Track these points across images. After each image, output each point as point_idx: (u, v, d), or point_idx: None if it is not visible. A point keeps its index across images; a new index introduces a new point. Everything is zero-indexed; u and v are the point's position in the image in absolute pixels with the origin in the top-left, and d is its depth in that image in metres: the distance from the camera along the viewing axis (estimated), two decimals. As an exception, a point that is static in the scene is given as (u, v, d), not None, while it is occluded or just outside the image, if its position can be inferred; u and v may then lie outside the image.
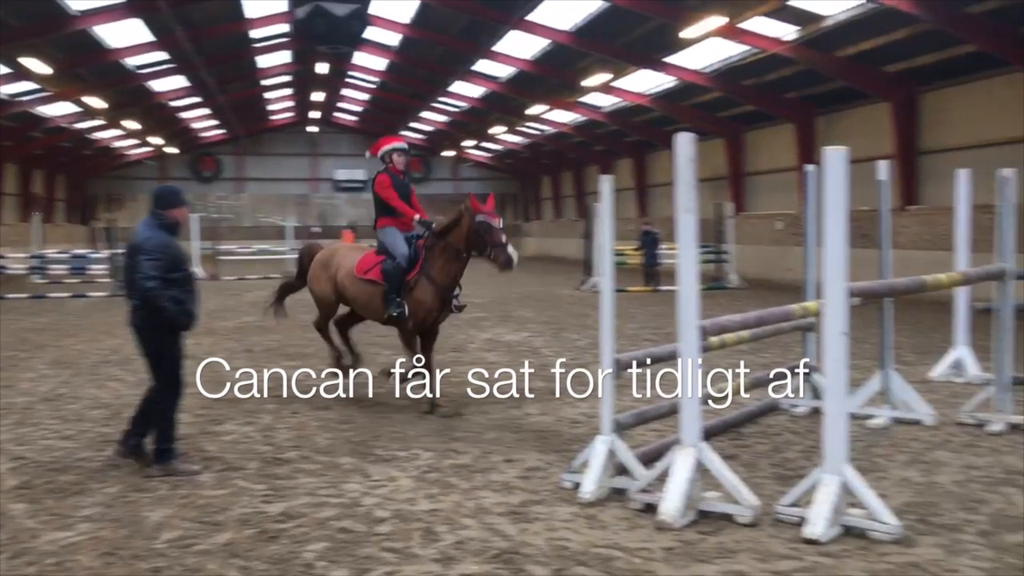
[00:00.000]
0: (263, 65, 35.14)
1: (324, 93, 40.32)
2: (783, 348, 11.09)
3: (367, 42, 30.69)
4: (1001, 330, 7.27)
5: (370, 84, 39.91)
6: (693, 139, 5.25)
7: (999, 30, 16.69)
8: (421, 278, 8.35)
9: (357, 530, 5.05)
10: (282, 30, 29.86)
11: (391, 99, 42.08)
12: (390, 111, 45.26)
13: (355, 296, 8.81)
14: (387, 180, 8.67)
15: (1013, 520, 5.07)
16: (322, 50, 28.46)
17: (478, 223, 8.17)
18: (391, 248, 8.54)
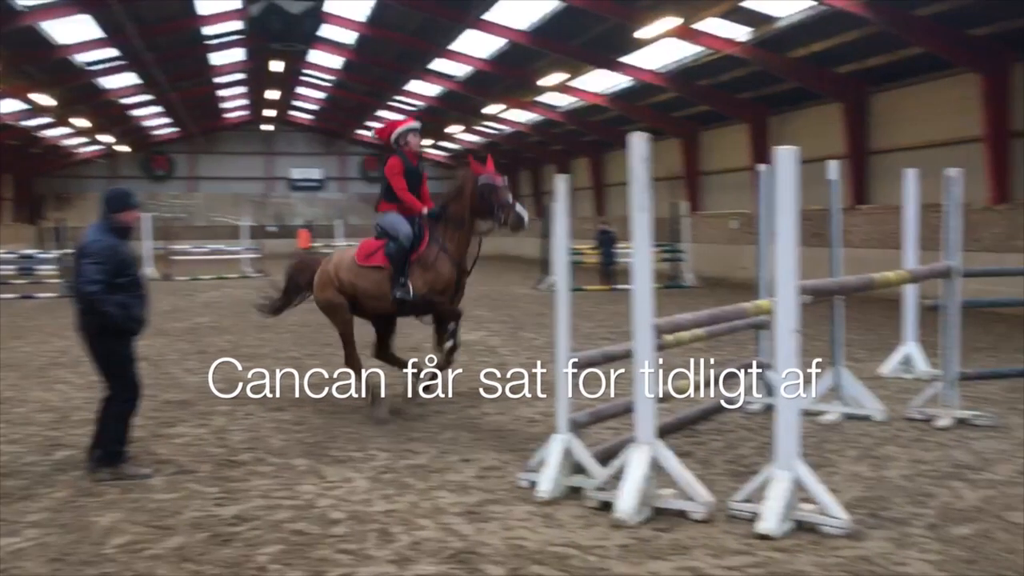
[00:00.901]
0: (216, 62, 34.66)
1: (279, 91, 39.91)
2: (738, 346, 11.21)
3: (322, 40, 30.44)
4: (947, 327, 7.42)
5: (326, 82, 39.58)
6: (647, 139, 5.28)
7: (945, 33, 17.03)
8: (432, 249, 7.90)
9: (312, 532, 5.01)
10: (235, 27, 29.49)
11: (347, 97, 41.78)
12: (346, 110, 44.94)
13: (363, 288, 8.19)
14: (399, 166, 8.18)
15: (960, 513, 5.17)
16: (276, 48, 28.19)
17: (481, 185, 7.77)
18: (392, 229, 8.07)
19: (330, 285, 8.46)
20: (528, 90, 30.19)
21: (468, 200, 7.84)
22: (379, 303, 8.24)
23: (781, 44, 20.34)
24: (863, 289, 6.77)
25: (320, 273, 8.66)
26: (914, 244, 9.48)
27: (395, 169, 8.15)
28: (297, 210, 51.47)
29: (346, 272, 8.32)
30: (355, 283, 8.25)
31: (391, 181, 8.14)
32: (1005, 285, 12.45)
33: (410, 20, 26.94)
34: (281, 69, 33.50)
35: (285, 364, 10.94)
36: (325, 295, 8.54)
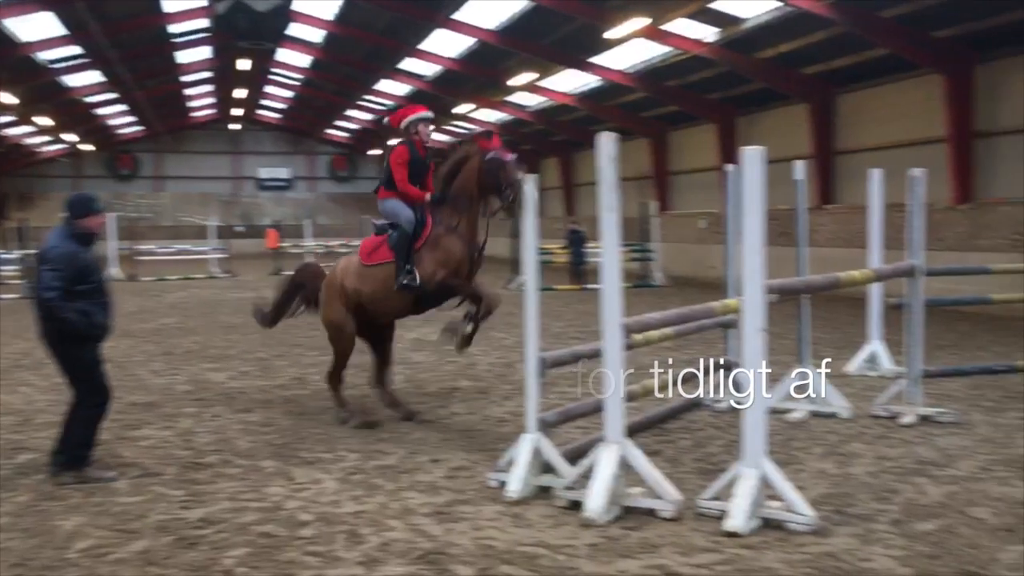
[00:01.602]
0: (182, 61, 34.32)
1: (246, 90, 39.54)
2: (707, 344, 11.27)
3: (290, 38, 30.24)
4: (911, 325, 7.51)
5: (294, 81, 39.32)
6: (616, 138, 5.29)
7: (909, 34, 17.25)
8: (438, 230, 7.45)
9: (279, 534, 4.97)
10: (202, 25, 29.22)
11: (316, 96, 41.54)
12: (315, 109, 44.69)
13: (371, 291, 7.67)
14: (404, 155, 7.75)
15: (923, 509, 5.24)
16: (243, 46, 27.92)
17: (489, 160, 7.29)
18: (393, 216, 7.69)
19: (337, 298, 7.91)
20: (497, 90, 30.19)
21: (475, 176, 7.37)
22: (391, 304, 7.73)
23: (748, 45, 20.49)
24: (829, 288, 6.83)
25: (327, 286, 8.12)
26: (879, 243, 9.59)
27: (400, 158, 7.75)
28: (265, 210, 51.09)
29: (353, 278, 7.83)
30: (361, 288, 7.75)
31: (393, 170, 7.75)
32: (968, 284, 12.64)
33: (379, 19, 26.83)
34: (248, 68, 33.20)
35: (253, 365, 10.88)
36: (331, 311, 7.97)
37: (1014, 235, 15.78)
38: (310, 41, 31.16)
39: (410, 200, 7.68)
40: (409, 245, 7.51)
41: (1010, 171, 16.89)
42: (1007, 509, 5.19)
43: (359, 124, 45.58)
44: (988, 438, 6.89)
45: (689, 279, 23.97)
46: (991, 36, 16.33)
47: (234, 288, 23.73)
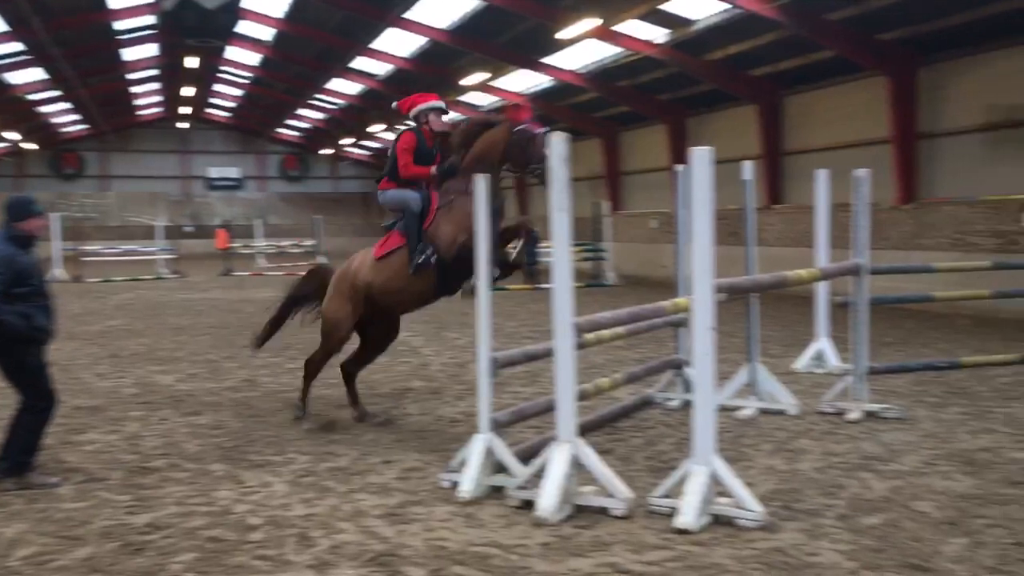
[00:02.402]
0: (128, 58, 33.71)
1: (195, 88, 38.96)
2: (658, 343, 11.36)
3: (239, 36, 29.85)
4: (857, 323, 7.64)
5: (244, 79, 38.85)
6: (567, 139, 5.31)
7: (855, 37, 17.56)
8: (447, 197, 7.08)
9: (228, 539, 4.90)
10: (148, 22, 28.72)
11: (266, 95, 41.08)
12: (265, 107, 44.19)
13: (387, 282, 7.28)
14: (411, 142, 7.44)
15: (869, 503, 5.33)
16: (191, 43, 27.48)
17: (519, 131, 6.92)
18: (400, 202, 7.33)
19: (343, 295, 7.53)
20: (450, 89, 30.09)
21: (500, 147, 6.99)
22: (410, 291, 7.30)
23: (698, 46, 20.69)
24: (777, 287, 6.93)
25: (338, 279, 7.72)
26: (825, 242, 9.75)
27: (406, 145, 7.42)
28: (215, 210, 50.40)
29: (366, 271, 7.45)
30: (375, 280, 7.36)
31: (398, 156, 7.40)
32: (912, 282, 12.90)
33: (330, 17, 26.63)
34: (197, 65, 32.73)
35: (202, 367, 10.72)
36: (334, 307, 7.61)
37: (956, 234, 16.15)
38: (260, 39, 30.81)
39: (415, 181, 7.35)
40: (419, 223, 7.13)
41: (952, 171, 17.29)
42: (949, 503, 5.31)
43: (311, 123, 45.19)
44: (931, 433, 7.04)
45: (641, 278, 24.14)
46: (934, 39, 16.70)
47: (183, 289, 23.38)
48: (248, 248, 31.81)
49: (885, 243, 16.32)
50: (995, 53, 16.12)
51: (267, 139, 50.70)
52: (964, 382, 8.97)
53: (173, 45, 30.44)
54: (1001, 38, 15.71)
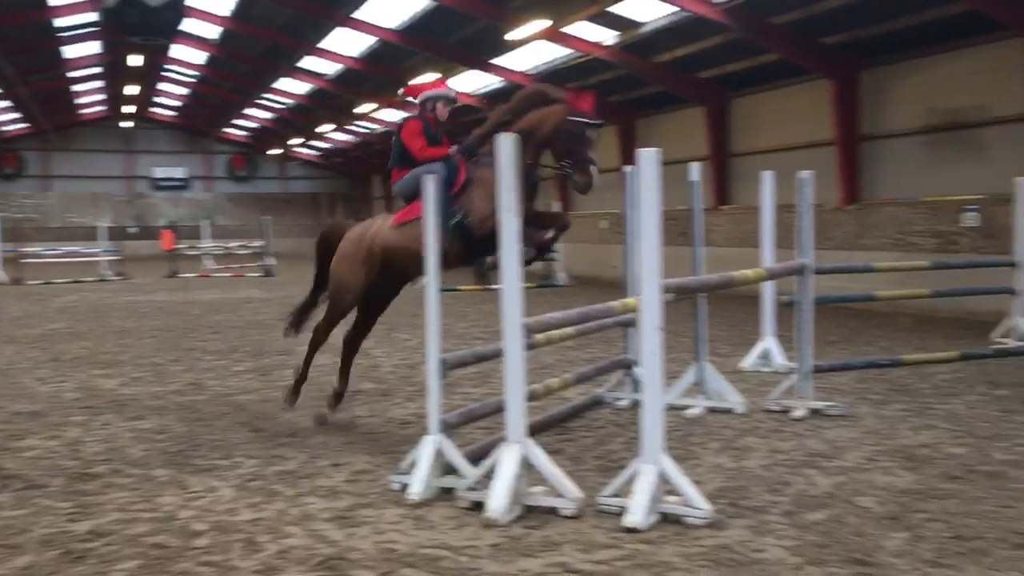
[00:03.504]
0: (70, 56, 33.02)
1: (139, 87, 38.32)
2: (608, 343, 11.43)
3: (184, 34, 29.41)
4: (801, 322, 7.77)
5: (189, 78, 38.29)
6: (515, 139, 5.31)
7: (799, 40, 17.87)
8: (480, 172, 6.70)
9: (172, 545, 4.82)
10: (90, 19, 28.15)
11: (212, 94, 40.55)
12: (211, 107, 43.62)
13: (405, 247, 6.86)
14: (419, 127, 7.17)
15: (813, 499, 5.42)
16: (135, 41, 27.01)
17: (571, 123, 6.46)
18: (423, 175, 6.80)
19: (357, 258, 7.22)
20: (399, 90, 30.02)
21: (548, 128, 6.56)
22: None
23: (647, 48, 20.88)
24: (724, 287, 7.01)
25: (351, 240, 7.38)
26: (771, 243, 9.88)
27: (415, 130, 7.12)
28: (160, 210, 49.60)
29: (386, 236, 7.10)
30: (393, 245, 7.01)
31: (409, 143, 7.10)
32: (855, 281, 13.16)
33: (277, 16, 26.37)
34: (141, 64, 32.18)
35: (146, 371, 10.53)
36: (346, 270, 7.30)
37: (897, 234, 16.51)
38: (205, 37, 30.40)
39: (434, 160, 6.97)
40: (446, 189, 6.68)
41: (893, 173, 17.67)
42: (891, 498, 5.41)
43: (259, 123, 44.68)
44: (874, 430, 7.18)
45: (592, 279, 24.28)
46: (875, 43, 17.06)
47: (127, 291, 22.97)
48: (194, 249, 31.34)
49: (829, 243, 16.62)
50: (934, 57, 16.52)
51: (214, 139, 50.04)
52: (905, 379, 9.16)
53: (116, 43, 29.87)
54: (940, 43, 16.10)
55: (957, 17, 14.90)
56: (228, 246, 31.33)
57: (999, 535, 4.76)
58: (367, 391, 9.18)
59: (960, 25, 15.18)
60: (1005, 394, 8.45)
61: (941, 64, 16.46)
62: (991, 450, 6.47)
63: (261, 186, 51.15)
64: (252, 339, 13.28)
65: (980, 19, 14.47)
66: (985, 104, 15.66)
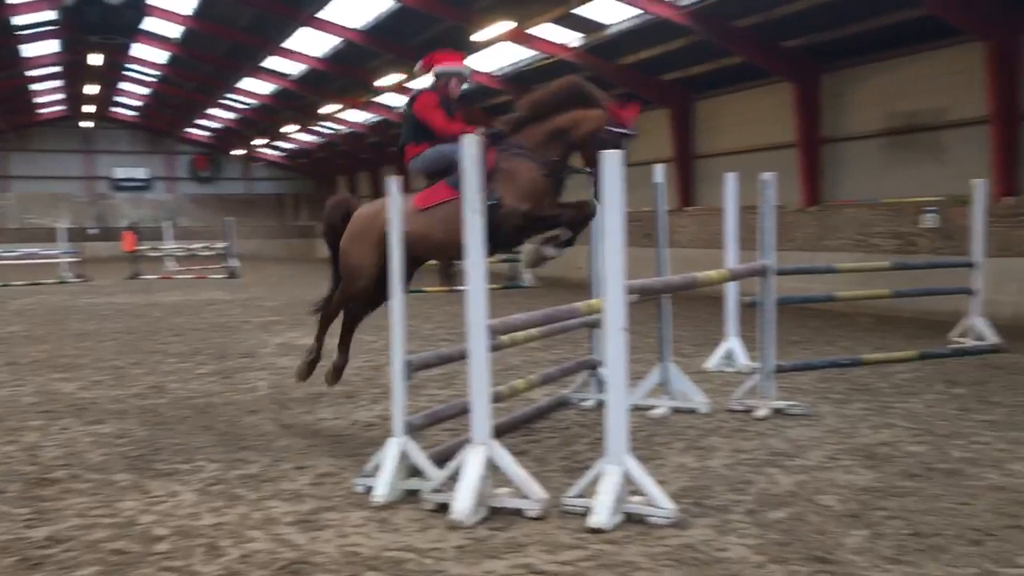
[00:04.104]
0: (29, 54, 32.46)
1: (99, 86, 37.75)
2: (574, 344, 11.46)
3: (146, 33, 29.05)
4: (764, 322, 7.84)
5: (151, 78, 37.80)
6: (479, 140, 5.31)
7: (761, 43, 18.04)
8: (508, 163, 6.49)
9: (132, 551, 4.75)
10: (49, 17, 27.71)
11: (174, 94, 40.06)
12: (173, 107, 43.11)
13: (427, 232, 6.64)
14: (435, 99, 6.89)
15: (775, 498, 5.47)
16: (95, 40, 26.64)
17: (608, 132, 6.31)
18: (444, 156, 6.71)
19: (369, 240, 6.83)
20: (365, 90, 29.88)
21: (583, 132, 6.41)
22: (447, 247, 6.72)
23: (611, 51, 20.96)
24: (687, 288, 7.05)
25: (362, 219, 7.05)
26: (734, 244, 9.96)
27: (431, 102, 6.84)
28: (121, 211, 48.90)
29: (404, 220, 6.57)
30: (412, 230, 6.47)
31: (426, 116, 6.80)
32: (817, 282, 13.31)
33: (240, 15, 26.14)
34: (101, 63, 31.73)
35: (106, 374, 10.38)
36: (358, 253, 6.97)
37: (858, 235, 16.73)
38: (167, 36, 30.04)
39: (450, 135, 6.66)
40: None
41: (854, 175, 17.90)
42: (852, 496, 5.48)
43: (222, 123, 44.25)
44: (835, 428, 7.26)
45: (557, 280, 24.29)
46: (836, 47, 17.26)
47: (87, 293, 22.64)
48: (156, 251, 30.96)
49: (791, 244, 16.81)
50: (894, 61, 16.77)
51: (176, 139, 49.46)
52: (866, 379, 9.28)
53: (76, 41, 29.43)
54: (899, 47, 16.34)
55: (916, 21, 15.13)
56: (191, 247, 30.99)
57: (957, 532, 4.84)
58: (331, 393, 9.11)
59: (919, 29, 15.42)
60: (962, 393, 8.60)
61: (900, 68, 16.71)
62: (949, 448, 6.58)
63: (224, 187, 50.63)
64: (215, 341, 13.14)
65: (938, 24, 14.70)
66: (943, 107, 15.93)
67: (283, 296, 21.30)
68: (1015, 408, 7.87)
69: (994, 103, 14.54)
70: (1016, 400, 8.19)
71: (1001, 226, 13.52)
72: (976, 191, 11.23)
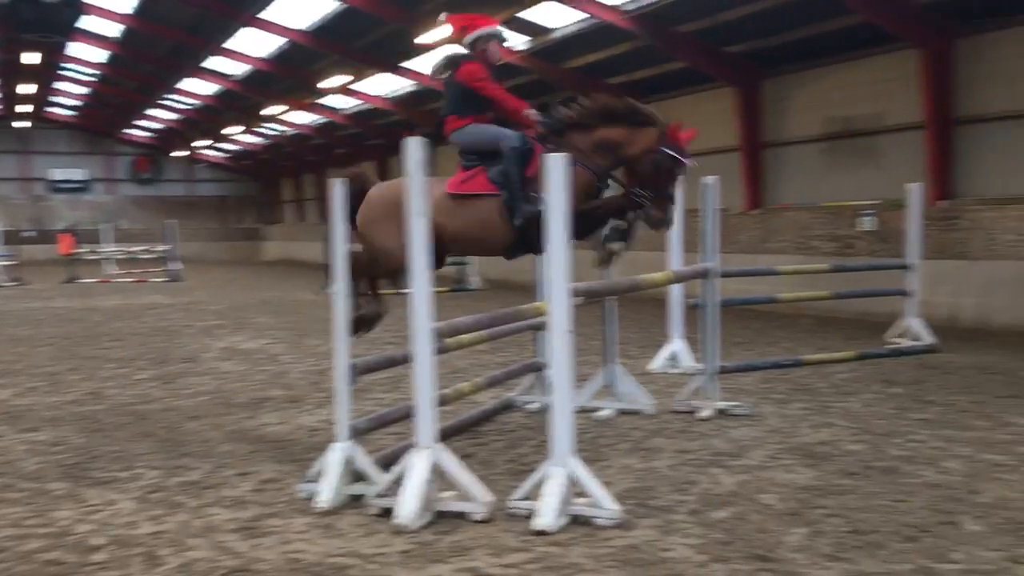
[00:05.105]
0: (-40, 52, 31.57)
1: (35, 85, 36.84)
2: (521, 347, 11.47)
3: (83, 32, 28.43)
4: (707, 324, 7.94)
5: (89, 77, 36.98)
6: (425, 143, 5.29)
7: (704, 49, 18.28)
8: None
9: (68, 561, 4.64)
10: (-18, 14, 26.97)
11: (114, 94, 39.24)
12: (113, 107, 42.22)
13: (457, 226, 6.41)
14: (483, 69, 6.54)
15: (718, 498, 5.54)
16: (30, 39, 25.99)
17: (663, 154, 6.17)
18: (491, 138, 6.41)
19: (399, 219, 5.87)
20: (310, 91, 29.60)
21: (635, 149, 6.25)
22: (484, 245, 6.57)
23: (557, 55, 21.06)
24: (631, 290, 7.11)
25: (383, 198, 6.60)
26: (679, 247, 10.08)
27: (478, 73, 6.50)
28: (59, 213, 47.75)
29: (437, 212, 6.30)
30: (445, 224, 6.35)
31: (480, 87, 6.47)
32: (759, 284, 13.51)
33: (182, 15, 25.71)
34: (37, 62, 30.96)
35: (42, 380, 10.13)
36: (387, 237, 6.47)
37: (799, 238, 17.03)
38: (106, 35, 29.42)
39: (509, 112, 6.45)
40: (520, 168, 6.19)
41: (795, 179, 18.23)
42: (792, 494, 5.57)
43: (163, 124, 43.47)
44: (776, 428, 7.38)
45: (504, 282, 24.33)
46: (777, 53, 17.57)
47: (23, 298, 22.08)
48: (95, 254, 30.31)
49: (735, 247, 17.04)
50: (832, 67, 17.11)
51: (116, 140, 48.45)
52: (807, 379, 9.45)
53: (9, 40, 28.67)
54: (837, 53, 16.68)
55: (853, 29, 15.46)
56: (131, 250, 30.39)
57: (893, 528, 4.94)
58: (275, 398, 9.01)
59: (856, 37, 15.76)
60: (899, 392, 8.79)
61: (839, 74, 17.06)
62: (886, 446, 6.72)
63: (166, 189, 49.73)
64: (156, 346, 12.90)
65: (874, 31, 15.05)
66: (880, 112, 16.30)
67: (227, 299, 21.00)
68: (949, 407, 8.08)
69: (928, 109, 14.93)
70: (950, 399, 8.41)
71: (935, 229, 13.87)
72: (911, 195, 11.50)
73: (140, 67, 33.32)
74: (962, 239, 14.03)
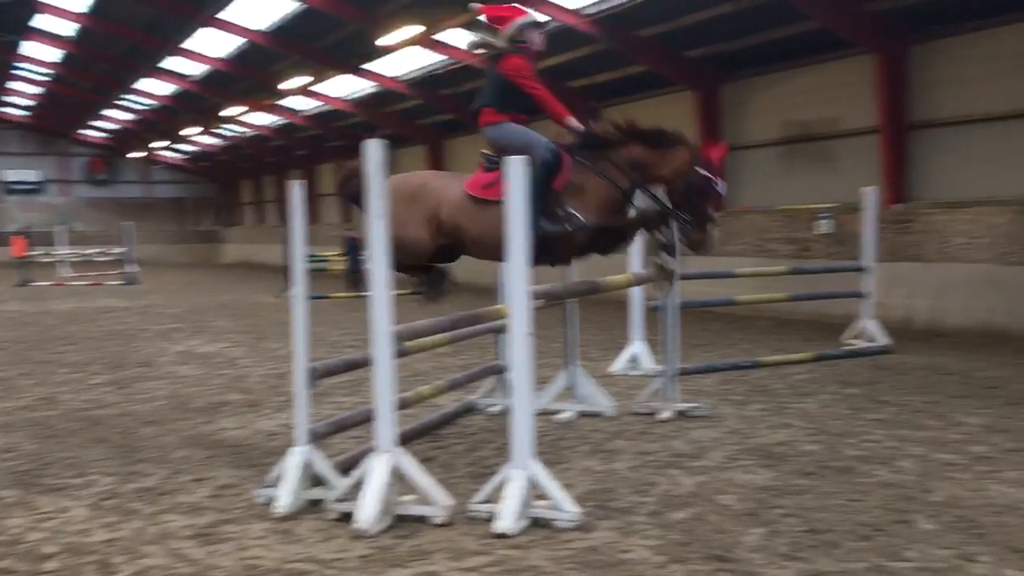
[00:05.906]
0: (-92, 50, 30.87)
1: (-13, 84, 36.17)
2: (482, 350, 11.45)
3: (37, 31, 27.93)
4: (667, 326, 7.99)
5: (43, 77, 36.33)
6: (384, 145, 5.26)
7: (664, 53, 18.42)
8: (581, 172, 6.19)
9: (19, 570, 4.55)
10: (-69, 12, 26.40)
11: (69, 94, 38.60)
12: (68, 107, 41.54)
13: (479, 232, 6.24)
14: (529, 66, 6.36)
15: (677, 499, 5.57)
16: (-18, 37, 25.53)
17: (698, 176, 6.10)
18: (524, 142, 6.24)
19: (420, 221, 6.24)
20: (269, 92, 29.35)
21: (667, 170, 6.19)
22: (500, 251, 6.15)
23: (518, 57, 21.06)
24: (591, 293, 7.14)
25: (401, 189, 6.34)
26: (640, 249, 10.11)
27: (525, 70, 6.32)
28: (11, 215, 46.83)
29: (455, 212, 6.26)
30: (468, 228, 6.25)
31: (525, 84, 6.30)
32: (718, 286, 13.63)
33: (138, 14, 25.36)
34: (-11, 60, 30.40)
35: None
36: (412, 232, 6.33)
37: (757, 241, 17.21)
38: (60, 34, 28.92)
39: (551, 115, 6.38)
40: (547, 179, 6.09)
41: (753, 182, 18.41)
42: (750, 495, 5.62)
43: (119, 124, 42.83)
44: (735, 429, 7.44)
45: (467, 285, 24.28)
46: (735, 57, 17.75)
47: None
48: (49, 256, 29.79)
49: (694, 249, 17.14)
50: (789, 72, 17.33)
51: (71, 140, 47.67)
52: (765, 380, 9.55)
53: (-40, 37, 28.12)
54: (794, 58, 16.90)
55: (809, 34, 15.66)
56: (86, 253, 29.91)
57: (848, 528, 5.01)
58: (234, 402, 8.91)
59: (812, 42, 15.97)
60: (855, 393, 8.92)
61: (795, 78, 17.28)
62: (841, 447, 6.81)
63: (122, 190, 49.00)
64: (111, 350, 12.70)
65: (830, 37, 15.26)
66: (836, 117, 16.52)
67: (184, 303, 20.75)
68: (903, 407, 8.21)
69: (883, 114, 15.17)
70: (904, 399, 8.54)
71: (890, 232, 14.10)
72: (867, 198, 11.68)
73: (96, 67, 32.82)
74: (916, 242, 14.27)
